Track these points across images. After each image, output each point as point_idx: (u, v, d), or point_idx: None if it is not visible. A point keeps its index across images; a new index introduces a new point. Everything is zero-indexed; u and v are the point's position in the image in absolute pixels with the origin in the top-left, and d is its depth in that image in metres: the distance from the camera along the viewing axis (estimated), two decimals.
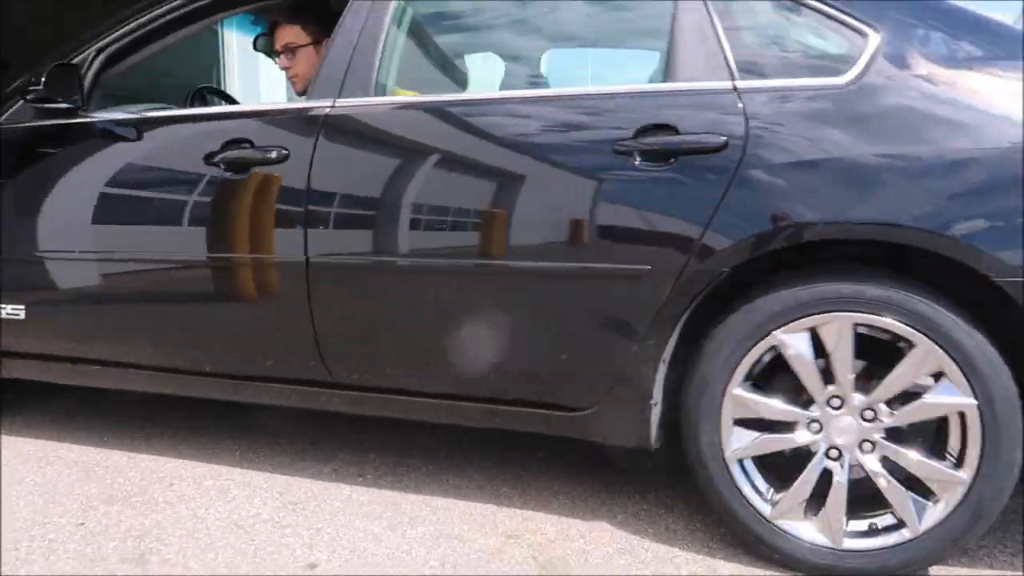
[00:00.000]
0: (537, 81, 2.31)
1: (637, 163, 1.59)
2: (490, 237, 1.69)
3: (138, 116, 2.10)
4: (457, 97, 1.98)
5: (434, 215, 1.75)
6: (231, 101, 2.84)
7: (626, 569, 1.64)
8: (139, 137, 2.04)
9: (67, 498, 1.95)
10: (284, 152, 1.84)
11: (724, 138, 1.55)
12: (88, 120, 2.09)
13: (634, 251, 1.60)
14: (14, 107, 2.17)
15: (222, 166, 1.90)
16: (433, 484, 2.03)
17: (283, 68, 2.34)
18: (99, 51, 2.12)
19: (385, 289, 1.81)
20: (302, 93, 2.30)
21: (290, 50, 2.30)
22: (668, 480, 2.04)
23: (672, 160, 1.57)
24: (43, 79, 2.02)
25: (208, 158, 1.92)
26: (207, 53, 5.83)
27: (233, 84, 5.14)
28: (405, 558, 1.68)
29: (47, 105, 2.07)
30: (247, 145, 1.89)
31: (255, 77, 5.07)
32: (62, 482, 2.04)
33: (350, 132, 1.84)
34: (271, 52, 2.44)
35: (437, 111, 1.81)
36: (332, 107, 1.84)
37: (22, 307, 2.16)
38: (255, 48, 2.82)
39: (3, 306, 2.18)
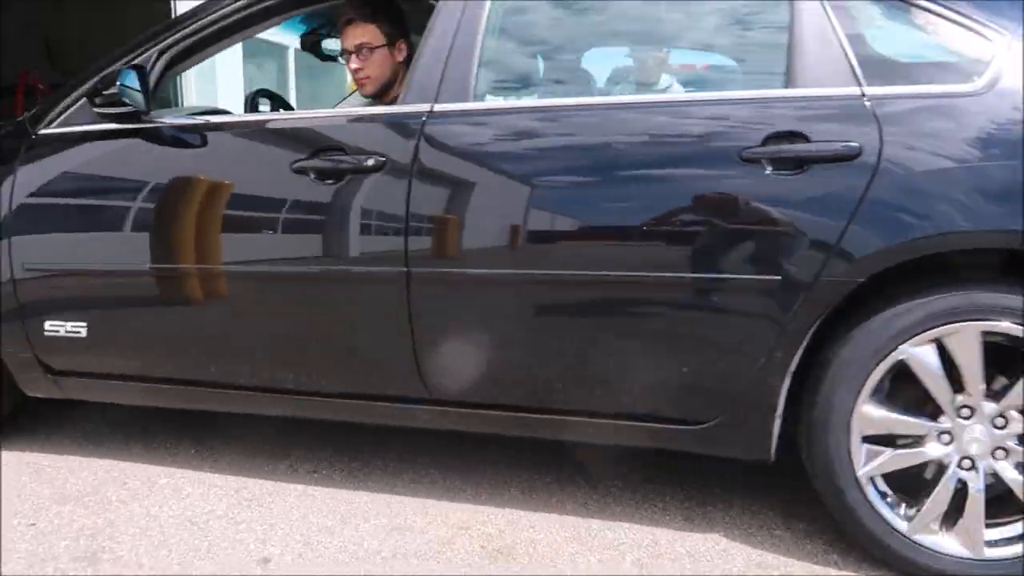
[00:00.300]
0: (644, 85, 2.17)
1: (767, 172, 1.56)
2: (609, 246, 1.68)
3: (214, 121, 2.00)
4: (567, 102, 1.86)
5: (546, 224, 1.71)
6: (287, 106, 2.71)
7: (572, 557, 1.70)
8: (215, 143, 1.95)
9: (18, 499, 1.94)
10: (381, 160, 1.77)
11: (858, 145, 1.52)
12: (160, 124, 1.97)
13: (763, 262, 1.58)
14: (69, 110, 2.04)
15: (312, 175, 1.81)
16: (388, 479, 2.07)
17: (354, 69, 2.22)
18: (161, 52, 1.99)
19: (497, 302, 1.76)
20: (372, 96, 2.25)
21: (366, 50, 2.19)
22: (617, 471, 2.10)
23: (803, 168, 1.55)
24: (118, 82, 1.86)
25: (296, 166, 1.83)
26: None
27: (189, 84, 5.10)
28: (357, 550, 1.72)
29: (113, 110, 1.94)
30: (339, 153, 1.81)
31: (212, 79, 5.04)
32: (13, 484, 2.03)
33: (453, 137, 1.77)
34: (337, 53, 2.33)
35: (545, 116, 1.77)
36: (430, 112, 1.77)
37: (84, 324, 2.03)
38: (303, 48, 2.67)
39: (63, 323, 2.05)
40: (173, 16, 6.28)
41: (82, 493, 1.98)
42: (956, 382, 1.55)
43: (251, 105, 2.60)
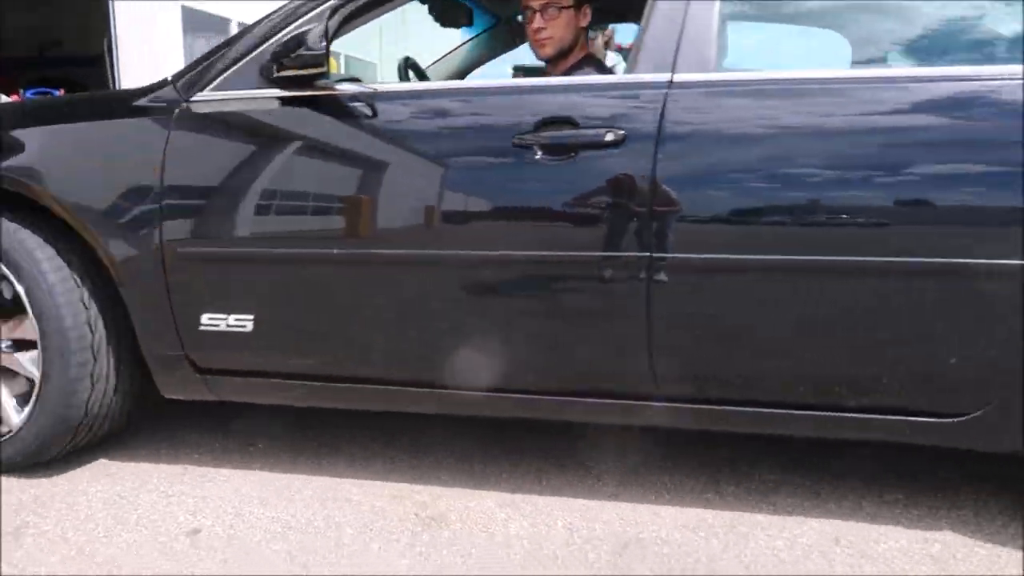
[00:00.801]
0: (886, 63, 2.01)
1: None
2: (870, 227, 1.57)
3: (416, 89, 1.82)
4: (826, 74, 1.67)
5: (809, 203, 1.59)
6: (423, 76, 2.52)
7: (504, 522, 1.72)
8: (415, 114, 1.79)
9: None
10: (621, 133, 1.63)
11: None
12: (351, 92, 1.77)
13: None
14: (228, 72, 1.83)
15: (538, 150, 1.67)
16: (326, 455, 2.06)
17: (536, 28, 2.12)
18: (333, 11, 1.78)
19: (758, 291, 1.64)
20: (547, 59, 2.17)
21: (553, 9, 2.09)
22: (556, 444, 2.13)
23: None
24: (308, 44, 1.68)
25: (517, 140, 1.67)
26: (96, 21, 5.61)
27: (126, 54, 4.95)
28: (290, 520, 1.71)
29: (293, 73, 1.74)
30: (568, 126, 1.66)
31: (149, 47, 4.89)
32: None
33: (701, 110, 1.65)
34: (507, 18, 2.32)
35: (800, 88, 1.63)
36: (671, 83, 1.64)
37: (250, 316, 1.82)
38: (431, 11, 2.48)
39: (225, 315, 1.82)
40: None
41: (7, 471, 1.93)
42: None
43: (404, 74, 2.43)
